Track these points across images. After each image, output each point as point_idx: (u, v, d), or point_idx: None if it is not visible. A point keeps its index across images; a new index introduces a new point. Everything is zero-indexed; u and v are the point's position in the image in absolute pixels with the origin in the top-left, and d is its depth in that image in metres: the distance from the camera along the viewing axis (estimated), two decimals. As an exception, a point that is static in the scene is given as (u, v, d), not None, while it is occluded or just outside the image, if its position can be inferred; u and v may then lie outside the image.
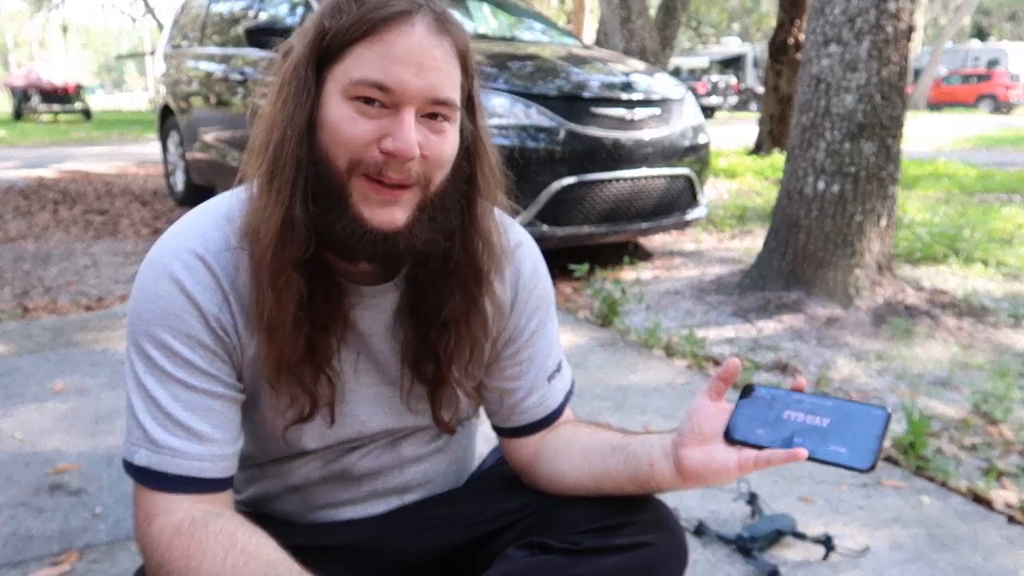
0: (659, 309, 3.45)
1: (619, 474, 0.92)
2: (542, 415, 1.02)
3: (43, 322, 3.15)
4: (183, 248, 0.82)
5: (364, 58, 0.76)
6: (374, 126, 0.77)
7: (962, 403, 2.37)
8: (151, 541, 0.80)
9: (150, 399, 0.81)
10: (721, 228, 5.25)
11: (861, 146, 3.15)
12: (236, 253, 0.83)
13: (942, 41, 27.31)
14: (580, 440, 0.98)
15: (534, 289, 0.99)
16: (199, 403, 0.82)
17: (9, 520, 1.66)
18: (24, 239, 5.05)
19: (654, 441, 0.91)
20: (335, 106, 0.78)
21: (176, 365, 0.81)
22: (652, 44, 7.27)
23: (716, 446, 0.83)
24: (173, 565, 0.78)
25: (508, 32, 5.12)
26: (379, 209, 0.79)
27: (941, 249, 4.27)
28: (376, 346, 0.93)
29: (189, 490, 0.82)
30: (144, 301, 0.82)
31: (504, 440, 1.06)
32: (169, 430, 0.81)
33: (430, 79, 0.78)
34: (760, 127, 9.67)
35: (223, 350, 0.83)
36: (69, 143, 14.26)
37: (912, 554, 1.55)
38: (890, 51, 3.10)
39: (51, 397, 2.34)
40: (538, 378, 1.01)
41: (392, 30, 0.76)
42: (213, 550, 0.78)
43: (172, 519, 0.80)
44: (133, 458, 0.82)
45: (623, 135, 3.82)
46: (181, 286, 0.81)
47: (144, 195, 7.03)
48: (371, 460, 0.99)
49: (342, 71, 0.77)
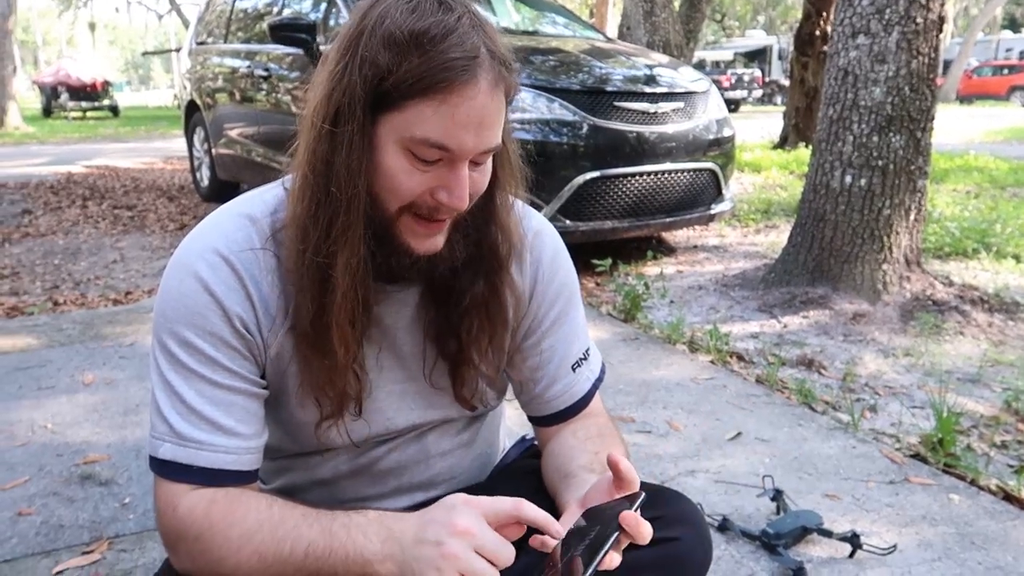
0: (682, 304, 3.43)
1: (558, 502, 0.92)
2: (567, 404, 1.02)
3: (73, 315, 3.20)
4: (207, 248, 0.84)
5: (427, 117, 0.75)
6: (428, 178, 0.78)
7: (993, 400, 2.33)
8: (182, 520, 0.81)
9: (175, 395, 0.83)
10: (745, 223, 5.21)
11: (889, 139, 3.10)
12: (260, 253, 0.84)
13: (973, 32, 26.82)
14: (561, 455, 0.98)
15: (553, 279, 0.99)
16: (223, 398, 0.83)
17: (41, 509, 1.70)
18: (54, 234, 5.14)
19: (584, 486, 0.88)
20: (391, 155, 0.77)
21: (200, 362, 0.82)
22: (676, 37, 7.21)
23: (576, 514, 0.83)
24: (216, 528, 0.80)
25: (531, 26, 5.11)
26: (424, 240, 0.83)
27: (971, 244, 4.20)
28: (400, 339, 0.93)
29: (213, 482, 0.83)
30: (169, 300, 0.83)
31: (535, 427, 1.07)
32: (194, 424, 0.82)
33: (486, 135, 0.78)
34: (785, 120, 9.57)
35: (246, 348, 0.85)
36: (97, 139, 14.47)
37: (940, 552, 1.53)
38: (920, 42, 3.04)
39: (81, 389, 2.38)
40: (561, 368, 1.01)
41: (457, 92, 0.74)
42: (256, 504, 0.81)
43: (203, 495, 0.82)
44: (158, 452, 0.83)
45: (646, 129, 3.80)
46: (205, 285, 0.82)
47: (171, 190, 7.12)
48: (398, 455, 0.99)
49: (401, 122, 0.76)
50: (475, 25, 0.77)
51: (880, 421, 2.20)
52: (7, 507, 1.70)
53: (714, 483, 1.81)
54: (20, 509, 1.69)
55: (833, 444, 2.01)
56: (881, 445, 2.01)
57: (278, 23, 4.20)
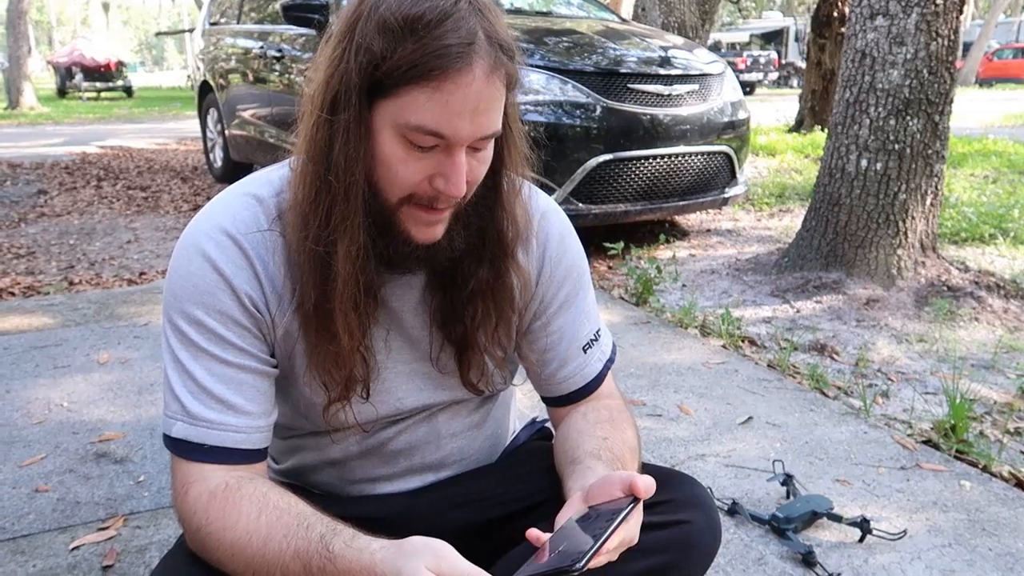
0: (695, 288, 3.42)
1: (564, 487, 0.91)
2: (579, 385, 1.02)
3: (88, 295, 3.23)
4: (215, 227, 0.84)
5: (421, 104, 0.74)
6: (425, 165, 0.78)
7: (1007, 387, 2.32)
8: (188, 508, 0.83)
9: (186, 373, 0.84)
10: (759, 207, 5.17)
11: (907, 123, 3.06)
12: (267, 233, 0.85)
13: (994, 13, 26.36)
14: (570, 439, 0.98)
15: (561, 260, 0.98)
16: (233, 377, 0.84)
17: (58, 486, 1.72)
18: (69, 214, 5.18)
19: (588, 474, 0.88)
20: (388, 143, 0.77)
21: (209, 340, 0.83)
22: (691, 18, 7.13)
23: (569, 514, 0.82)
24: (211, 527, 0.81)
25: (545, 7, 5.07)
26: (425, 228, 0.83)
27: (988, 229, 4.15)
28: (407, 322, 0.94)
29: (225, 460, 0.84)
30: (178, 279, 0.84)
31: (548, 408, 1.08)
32: (205, 402, 0.83)
33: (482, 121, 0.77)
34: (801, 103, 9.46)
35: (255, 326, 0.85)
36: (111, 120, 14.52)
37: (951, 538, 1.53)
38: (939, 24, 3.00)
39: (96, 368, 2.41)
40: (571, 349, 1.01)
41: (451, 78, 0.73)
42: (247, 510, 0.80)
43: (208, 485, 0.83)
44: (171, 430, 0.84)
45: (660, 111, 3.77)
46: (213, 264, 0.83)
47: (184, 171, 7.14)
48: (408, 436, 1.00)
49: (396, 110, 0.75)
50: (475, 8, 0.76)
51: (892, 407, 2.19)
52: (24, 484, 1.73)
53: (724, 467, 1.81)
54: (37, 486, 1.72)
55: (844, 429, 2.00)
56: (893, 431, 2.00)
57: (291, 3, 4.18)
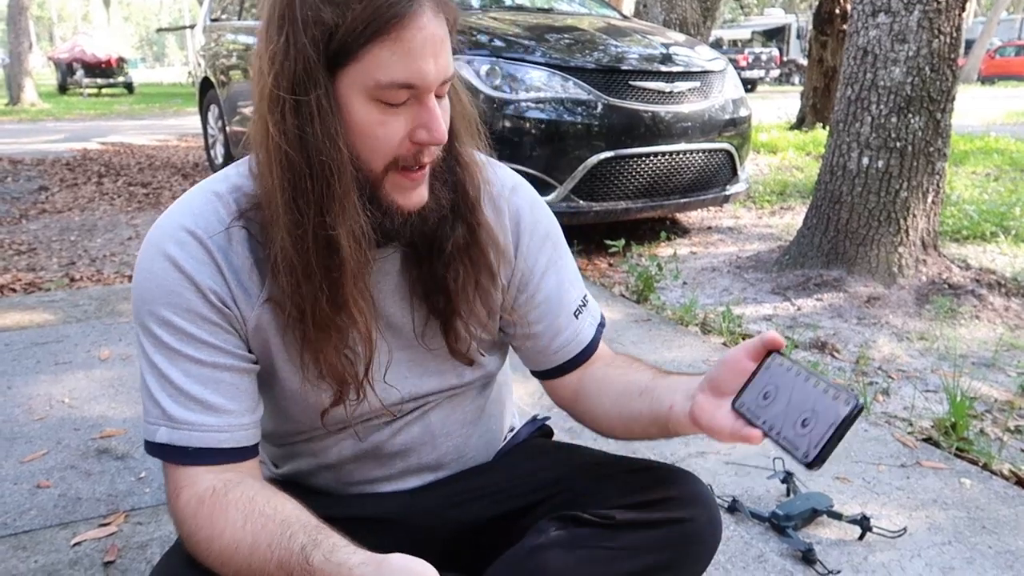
0: (696, 285, 3.42)
1: (644, 417, 0.92)
2: (575, 352, 1.02)
3: (89, 291, 3.23)
4: (175, 226, 0.83)
5: (385, 59, 0.74)
6: (402, 121, 0.78)
7: (1007, 385, 2.32)
8: (179, 514, 0.83)
9: (163, 377, 0.83)
10: (760, 204, 5.16)
11: (909, 120, 3.06)
12: (229, 230, 0.84)
13: (996, 11, 26.28)
14: (613, 383, 0.98)
15: (536, 228, 0.99)
16: (209, 376, 0.84)
17: (59, 482, 1.73)
18: (70, 210, 5.18)
19: (680, 384, 0.90)
20: (361, 109, 0.76)
21: (182, 341, 0.82)
22: (693, 15, 7.12)
23: (724, 406, 0.82)
24: (200, 535, 0.81)
25: (546, 3, 5.06)
26: (411, 193, 0.82)
27: (989, 227, 4.15)
28: (387, 308, 0.93)
29: (211, 461, 0.84)
30: (143, 282, 0.83)
31: (545, 383, 1.07)
32: (184, 405, 0.83)
33: (442, 63, 0.78)
34: (803, 101, 9.45)
35: (225, 321, 0.84)
36: (112, 116, 14.52)
37: (951, 536, 1.53)
38: (941, 21, 2.99)
39: (98, 364, 2.41)
40: (562, 316, 1.00)
41: (407, 26, 0.74)
42: (233, 517, 0.80)
43: (196, 491, 0.82)
44: (154, 437, 0.84)
45: (662, 108, 3.76)
46: (175, 262, 0.82)
47: (185, 168, 7.14)
48: (403, 437, 0.99)
49: (362, 73, 0.75)
50: None
51: (893, 405, 2.19)
52: (26, 479, 1.73)
53: (724, 464, 1.81)
54: (39, 482, 1.72)
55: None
56: (893, 429, 2.00)
57: None
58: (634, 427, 0.94)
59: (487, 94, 3.44)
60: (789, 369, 0.77)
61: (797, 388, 0.75)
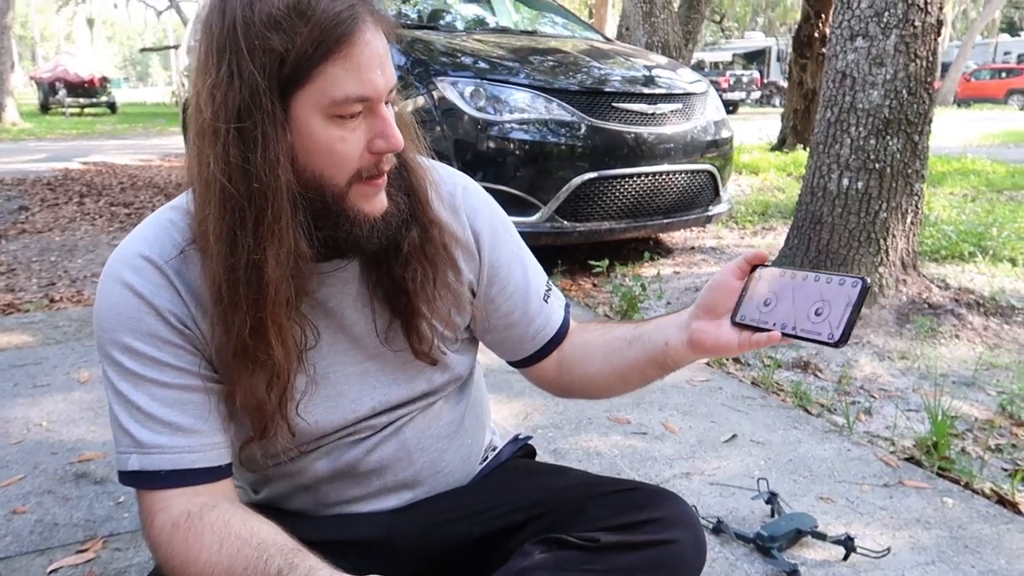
0: (679, 305, 3.43)
1: (639, 362, 0.97)
2: (551, 335, 1.06)
3: (69, 313, 3.20)
4: (130, 254, 0.84)
5: (338, 77, 0.76)
6: (359, 134, 0.80)
7: (988, 404, 2.34)
8: (154, 540, 0.82)
9: (129, 404, 0.83)
10: (743, 224, 5.21)
11: (887, 142, 3.10)
12: (185, 252, 0.84)
13: (971, 35, 26.83)
14: (596, 342, 1.03)
15: (494, 224, 1.02)
16: (176, 398, 0.84)
17: (36, 507, 1.69)
18: (51, 231, 5.13)
19: (669, 321, 0.94)
20: (319, 128, 0.78)
21: (145, 366, 0.83)
22: (675, 38, 7.22)
23: (724, 324, 0.86)
24: (175, 560, 0.80)
25: (530, 26, 5.11)
26: (374, 200, 0.84)
27: (968, 247, 4.21)
28: (349, 319, 0.93)
29: (184, 483, 0.83)
30: (103, 311, 0.84)
31: (525, 371, 1.09)
32: (153, 429, 0.82)
33: (388, 72, 0.80)
34: (783, 122, 9.58)
35: (187, 342, 0.85)
36: (95, 136, 14.44)
37: (934, 556, 1.53)
38: (918, 45, 3.05)
39: (77, 387, 2.38)
40: (533, 303, 1.04)
41: (353, 42, 0.76)
42: (209, 541, 0.79)
43: (170, 516, 0.82)
44: (126, 466, 0.83)
45: (644, 130, 3.80)
46: (132, 288, 0.82)
47: (168, 188, 7.10)
48: (378, 454, 0.98)
49: (316, 93, 0.76)
50: None
51: (875, 424, 2.21)
52: (1, 505, 1.70)
53: (709, 485, 1.81)
54: (15, 507, 1.69)
55: (828, 447, 2.01)
56: (876, 448, 2.01)
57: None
58: (631, 375, 0.99)
59: (471, 115, 3.45)
60: (783, 274, 0.81)
61: (797, 287, 0.79)
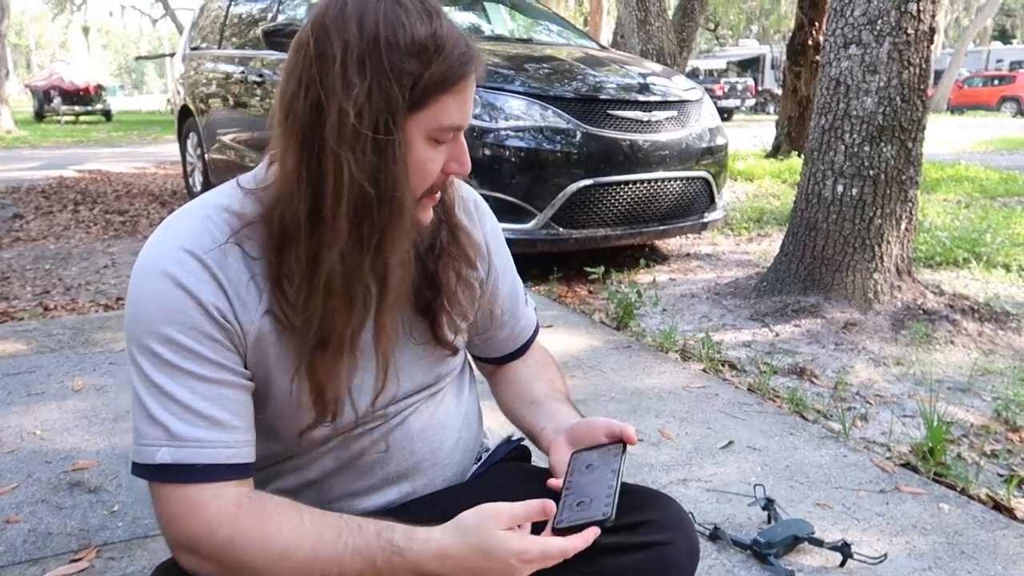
0: (675, 312, 3.44)
1: (525, 423, 1.12)
2: (528, 336, 1.20)
3: (63, 321, 3.19)
4: (171, 247, 0.85)
5: (449, 107, 0.84)
6: (441, 156, 0.88)
7: (983, 409, 2.34)
8: (207, 524, 0.81)
9: (165, 396, 0.82)
10: (738, 231, 5.22)
11: (881, 149, 3.12)
12: (223, 246, 0.86)
13: (964, 43, 27.02)
14: (520, 382, 1.17)
15: (495, 230, 1.14)
16: (214, 393, 0.84)
17: (29, 516, 1.68)
18: (45, 239, 5.12)
19: (555, 414, 1.07)
20: (420, 148, 0.85)
21: (186, 358, 0.82)
22: (669, 46, 7.25)
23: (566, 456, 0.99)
24: (250, 535, 0.81)
25: (525, 34, 5.13)
26: (428, 211, 0.92)
27: (962, 253, 4.22)
28: None
29: (219, 478, 0.83)
30: (142, 302, 0.83)
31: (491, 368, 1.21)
32: (191, 422, 0.82)
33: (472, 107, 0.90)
34: (778, 129, 9.62)
35: (227, 338, 0.85)
36: (89, 144, 14.43)
37: (931, 562, 1.53)
38: (911, 53, 3.07)
39: (71, 395, 2.37)
40: (518, 307, 1.17)
41: (467, 80, 0.85)
42: (287, 515, 0.82)
43: (228, 500, 0.82)
44: (154, 458, 0.82)
45: (640, 137, 3.81)
46: (176, 281, 0.83)
47: (163, 195, 7.09)
48: (384, 443, 1.00)
49: (428, 117, 0.84)
50: (449, 20, 0.86)
51: (871, 430, 2.21)
52: (-5, 514, 1.69)
53: (706, 492, 1.81)
54: (8, 517, 1.68)
55: (824, 453, 2.01)
56: (872, 454, 2.01)
57: (272, 29, 4.20)
58: (520, 425, 1.15)
59: (467, 123, 3.46)
60: (575, 468, 0.96)
61: (584, 477, 0.93)
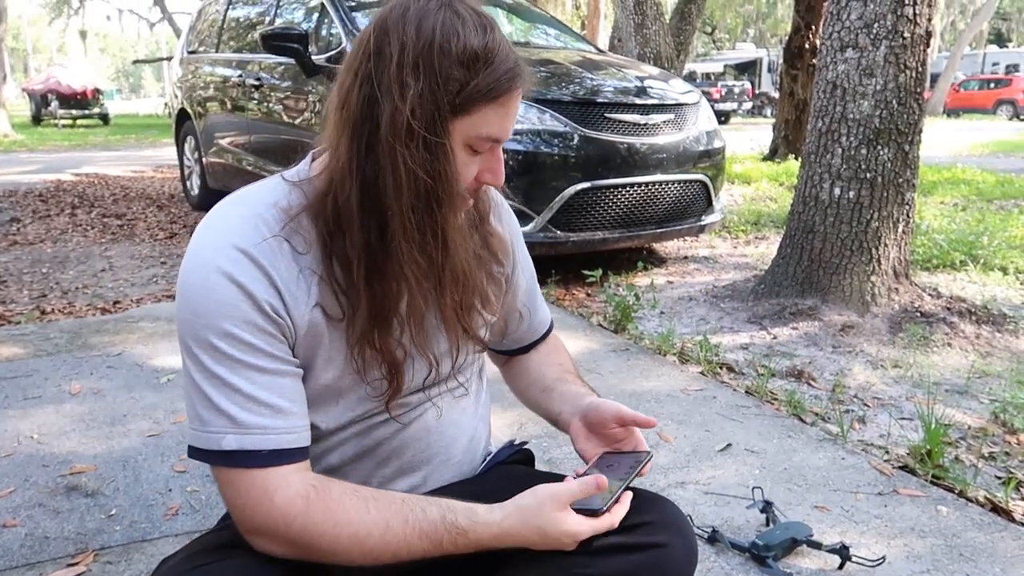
0: (673, 315, 3.44)
1: (542, 409, 1.18)
2: (546, 326, 1.25)
3: (60, 324, 3.18)
4: (223, 244, 0.88)
5: (490, 118, 0.87)
6: (476, 164, 0.91)
7: (980, 412, 2.35)
8: (282, 513, 0.85)
9: (228, 387, 0.86)
10: (736, 234, 5.23)
11: (878, 152, 3.12)
12: (271, 241, 0.89)
13: (960, 46, 27.10)
14: (532, 370, 1.22)
15: (515, 230, 1.19)
16: (272, 382, 0.88)
17: (26, 521, 1.68)
18: (42, 242, 5.11)
19: (572, 397, 1.12)
20: (458, 152, 0.88)
21: (244, 351, 0.86)
22: (667, 49, 7.26)
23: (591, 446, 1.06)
24: (322, 527, 0.85)
25: (523, 37, 5.13)
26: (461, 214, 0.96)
27: (959, 256, 4.23)
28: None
29: (283, 462, 0.87)
30: (198, 297, 0.86)
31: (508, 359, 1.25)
32: (254, 411, 0.86)
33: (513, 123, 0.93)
34: (775, 132, 9.63)
35: (279, 331, 0.89)
36: (87, 147, 14.42)
37: (929, 564, 1.53)
38: (907, 56, 3.08)
39: (68, 399, 2.36)
40: (536, 298, 1.23)
41: (511, 96, 0.87)
42: (355, 504, 0.87)
43: (295, 490, 0.86)
44: (220, 444, 0.86)
45: (637, 140, 3.81)
46: (231, 277, 0.86)
47: (160, 199, 7.09)
48: (404, 433, 1.02)
49: (469, 125, 0.87)
50: (503, 35, 0.89)
51: (869, 432, 2.21)
52: (-9, 519, 1.69)
53: (704, 494, 1.81)
54: (4, 521, 1.68)
55: (822, 455, 2.01)
56: (870, 457, 2.01)
57: (270, 33, 4.20)
58: (536, 410, 1.19)
59: (465, 126, 3.46)
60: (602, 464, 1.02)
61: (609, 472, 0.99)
